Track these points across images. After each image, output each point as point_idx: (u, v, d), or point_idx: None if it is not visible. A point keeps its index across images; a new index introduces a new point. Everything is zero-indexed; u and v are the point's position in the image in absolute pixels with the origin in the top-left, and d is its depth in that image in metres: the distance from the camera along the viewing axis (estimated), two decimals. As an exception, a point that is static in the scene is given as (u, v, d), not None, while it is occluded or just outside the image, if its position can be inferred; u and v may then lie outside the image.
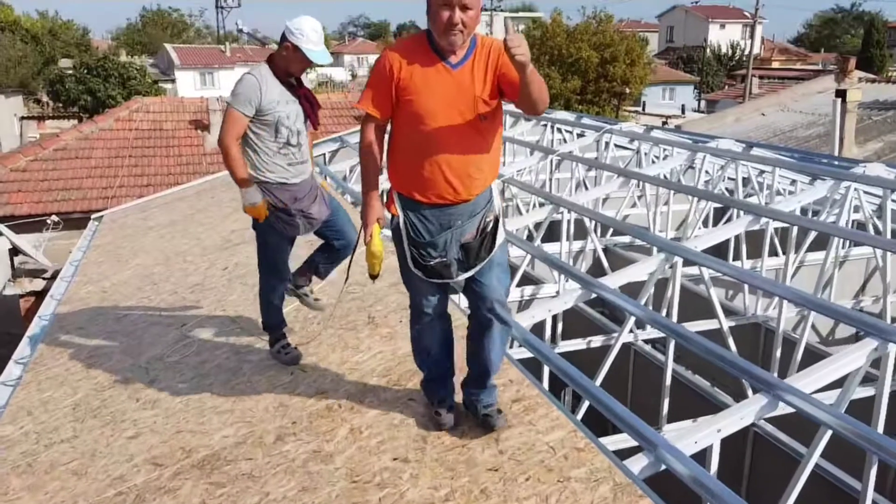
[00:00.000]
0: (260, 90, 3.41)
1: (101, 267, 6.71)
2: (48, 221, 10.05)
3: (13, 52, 30.74)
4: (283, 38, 3.45)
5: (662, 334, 5.59)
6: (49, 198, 11.10)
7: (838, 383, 3.09)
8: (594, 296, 4.01)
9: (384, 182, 2.80)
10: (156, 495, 2.91)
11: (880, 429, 2.91)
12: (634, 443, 3.01)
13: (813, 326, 6.75)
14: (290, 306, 4.32)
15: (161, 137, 13.06)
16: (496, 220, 2.71)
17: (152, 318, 4.95)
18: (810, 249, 6.34)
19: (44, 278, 9.54)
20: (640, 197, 8.58)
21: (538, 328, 5.23)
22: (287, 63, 3.50)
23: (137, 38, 52.41)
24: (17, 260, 9.86)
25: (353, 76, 60.86)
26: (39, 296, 9.50)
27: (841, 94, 12.81)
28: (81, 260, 7.20)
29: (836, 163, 5.81)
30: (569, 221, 6.55)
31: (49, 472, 3.25)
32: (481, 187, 2.66)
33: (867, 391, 3.52)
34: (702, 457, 2.76)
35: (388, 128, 2.74)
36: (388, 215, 2.77)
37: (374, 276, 2.87)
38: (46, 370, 4.48)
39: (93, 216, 9.20)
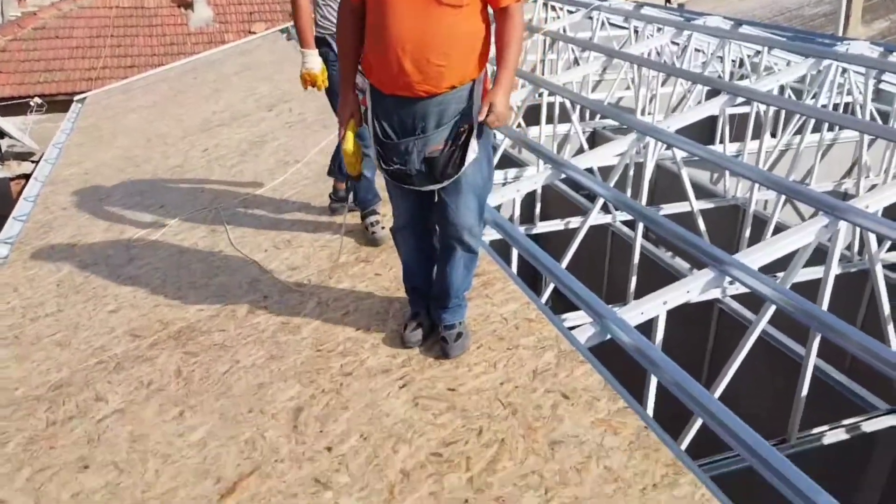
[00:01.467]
0: None
1: (83, 149, 6.71)
2: (31, 104, 9.92)
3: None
4: None
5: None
6: (31, 79, 10.88)
7: (791, 261, 3.18)
8: (563, 176, 4.05)
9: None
10: (134, 364, 3.07)
11: (825, 306, 3.02)
12: (579, 321, 3.15)
13: (797, 210, 6.82)
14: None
15: (143, 16, 12.62)
16: (470, 130, 2.36)
17: (133, 200, 5.01)
18: (799, 132, 6.30)
19: (32, 161, 9.55)
20: (633, 79, 8.42)
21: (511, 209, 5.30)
22: None
23: None
24: (4, 143, 9.83)
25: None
26: (29, 178, 9.55)
27: (851, -32, 12.26)
28: (65, 142, 7.18)
29: (826, 42, 5.65)
30: (551, 104, 6.45)
31: (34, 344, 3.40)
32: (450, 80, 2.32)
33: (819, 272, 3.62)
34: (649, 329, 2.89)
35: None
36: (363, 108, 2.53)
37: (354, 177, 2.65)
38: (31, 249, 4.59)
39: (76, 98, 9.07)
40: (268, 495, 2.20)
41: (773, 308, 2.84)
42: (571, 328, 2.76)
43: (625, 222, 5.98)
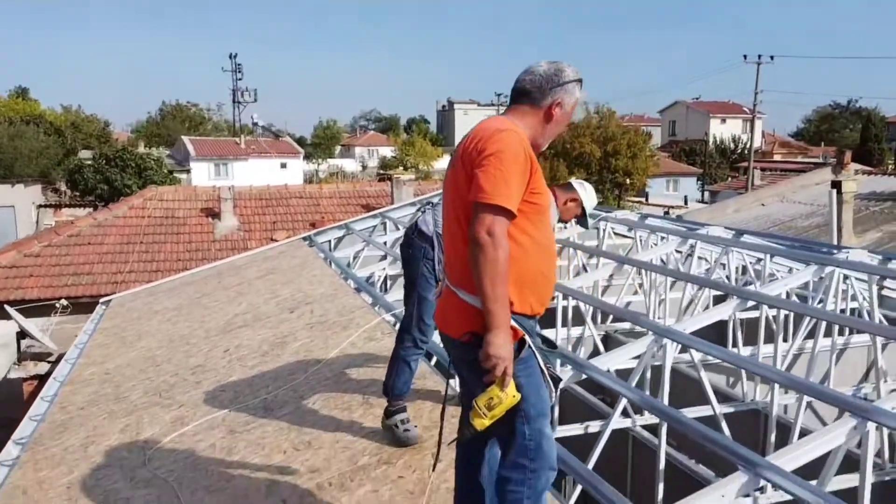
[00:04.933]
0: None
1: (105, 349, 6.81)
2: (57, 305, 10.23)
3: (37, 144, 31.91)
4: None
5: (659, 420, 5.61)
6: (59, 282, 11.33)
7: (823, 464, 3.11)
8: (584, 377, 4.07)
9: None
10: (143, 573, 2.92)
11: (866, 510, 2.91)
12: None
13: (816, 414, 6.71)
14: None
15: (172, 224, 13.41)
16: None
17: (152, 399, 5.02)
18: (809, 336, 6.38)
19: (48, 361, 9.63)
20: (640, 285, 8.71)
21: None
22: None
23: (156, 131, 54.33)
24: (23, 343, 9.99)
25: (364, 167, 62.56)
26: (43, 379, 9.58)
27: (836, 185, 13.09)
28: (87, 343, 7.31)
29: (825, 250, 5.94)
30: (565, 308, 6.63)
31: (39, 551, 3.26)
32: None
33: (847, 480, 3.52)
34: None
35: None
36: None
37: (475, 431, 2.26)
38: (44, 450, 4.53)
39: (101, 300, 9.38)
40: None
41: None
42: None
43: (645, 426, 5.88)
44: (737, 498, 2.78)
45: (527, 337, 2.30)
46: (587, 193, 3.89)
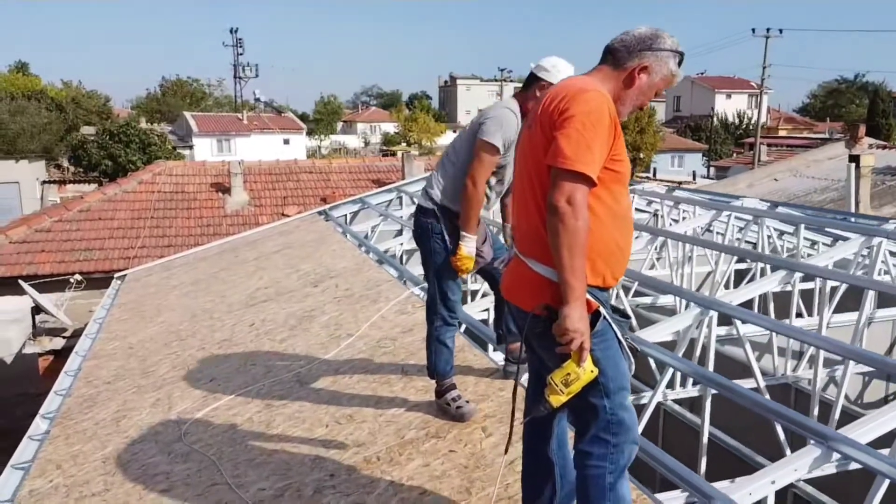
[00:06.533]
0: (517, 129, 3.18)
1: (125, 324, 6.73)
2: (71, 280, 10.14)
3: (38, 120, 31.60)
4: (535, 77, 3.26)
5: (694, 394, 5.54)
6: (71, 258, 11.23)
7: (885, 442, 3.02)
8: (630, 350, 3.97)
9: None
10: (193, 549, 2.84)
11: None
12: (680, 501, 2.93)
13: (835, 383, 6.63)
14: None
15: (183, 199, 13.28)
16: None
17: (180, 374, 4.93)
18: (836, 311, 6.29)
19: (63, 337, 9.56)
20: (658, 259, 8.61)
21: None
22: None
23: (156, 107, 53.86)
24: (38, 318, 9.91)
25: (366, 143, 62.13)
26: (58, 355, 9.51)
27: (854, 159, 12.95)
28: (105, 317, 7.23)
29: (863, 221, 5.82)
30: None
31: (81, 526, 3.18)
32: None
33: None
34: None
35: None
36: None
37: (551, 408, 2.16)
38: (74, 424, 4.45)
39: (116, 275, 9.28)
40: None
41: (885, 485, 2.65)
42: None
43: (676, 401, 5.80)
44: (810, 471, 2.70)
45: (602, 309, 2.19)
46: (554, 65, 3.46)
